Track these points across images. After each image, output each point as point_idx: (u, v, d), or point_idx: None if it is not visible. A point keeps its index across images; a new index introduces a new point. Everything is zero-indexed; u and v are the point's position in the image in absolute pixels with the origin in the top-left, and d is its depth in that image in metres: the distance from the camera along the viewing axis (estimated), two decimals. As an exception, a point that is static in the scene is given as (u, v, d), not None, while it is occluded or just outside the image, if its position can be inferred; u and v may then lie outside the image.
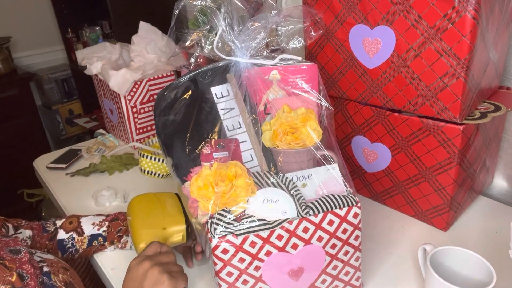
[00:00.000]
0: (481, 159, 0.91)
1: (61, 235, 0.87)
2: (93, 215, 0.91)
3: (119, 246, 0.90)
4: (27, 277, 0.62)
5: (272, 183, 0.66)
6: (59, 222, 0.89)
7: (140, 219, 0.78)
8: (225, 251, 0.62)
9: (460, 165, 0.83)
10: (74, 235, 0.87)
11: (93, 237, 0.88)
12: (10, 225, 0.81)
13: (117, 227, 0.89)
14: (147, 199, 0.83)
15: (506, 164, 1.01)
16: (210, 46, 0.75)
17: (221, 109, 0.75)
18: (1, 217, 0.81)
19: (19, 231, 0.82)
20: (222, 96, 0.76)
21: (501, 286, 0.65)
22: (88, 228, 0.88)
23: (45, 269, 0.66)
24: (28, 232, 0.83)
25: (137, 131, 1.39)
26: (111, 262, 0.89)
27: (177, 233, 0.78)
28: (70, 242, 0.87)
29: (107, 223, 0.89)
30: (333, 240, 0.66)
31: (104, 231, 0.88)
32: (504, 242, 0.71)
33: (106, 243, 0.89)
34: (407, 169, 0.91)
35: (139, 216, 0.79)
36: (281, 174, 0.67)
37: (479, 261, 0.66)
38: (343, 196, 0.66)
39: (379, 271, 0.81)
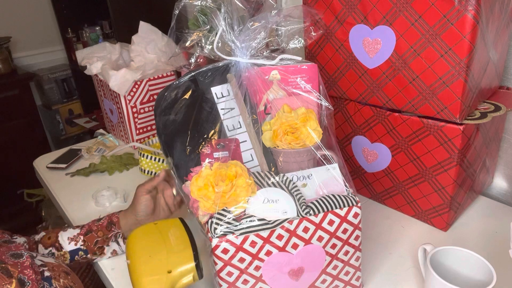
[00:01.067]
0: (481, 159, 0.91)
1: (41, 250, 0.85)
2: (72, 228, 0.88)
3: (110, 255, 0.88)
4: (28, 283, 0.61)
5: (272, 183, 0.66)
6: (38, 237, 0.86)
7: (140, 263, 0.67)
8: (225, 251, 0.62)
9: (460, 165, 0.83)
10: (54, 251, 0.85)
11: (73, 252, 0.85)
12: (6, 234, 0.79)
13: (93, 240, 0.86)
14: (147, 233, 0.72)
15: (506, 164, 1.01)
16: (210, 46, 0.75)
17: (221, 109, 0.75)
18: None
19: (15, 237, 0.80)
20: (223, 96, 0.76)
21: (501, 286, 0.65)
22: (65, 243, 0.85)
23: (46, 274, 0.65)
24: (23, 239, 0.82)
25: (137, 131, 1.39)
26: (111, 262, 0.89)
27: (186, 274, 0.67)
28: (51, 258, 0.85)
29: (82, 237, 0.86)
30: (333, 240, 0.66)
31: (81, 245, 0.85)
32: (504, 242, 0.71)
33: (88, 255, 0.86)
34: (407, 169, 0.91)
35: (139, 259, 0.68)
36: (281, 174, 0.67)
37: (479, 261, 0.66)
38: (343, 196, 0.66)
39: (379, 271, 0.81)
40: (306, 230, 0.64)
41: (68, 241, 0.85)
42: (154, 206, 0.87)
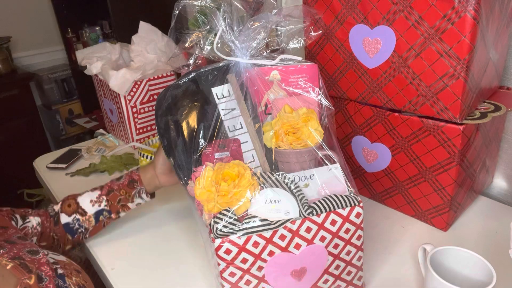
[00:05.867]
0: (481, 159, 0.91)
1: (64, 218, 0.87)
2: (88, 191, 0.91)
3: (135, 207, 0.91)
4: (45, 279, 0.62)
5: (274, 183, 0.66)
6: (56, 207, 0.89)
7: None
8: (228, 251, 0.62)
9: (460, 165, 0.83)
10: (78, 216, 0.88)
11: (98, 213, 0.88)
12: (17, 216, 0.82)
13: (116, 198, 0.89)
14: None
15: (506, 164, 1.01)
16: (210, 47, 0.75)
17: (222, 109, 0.75)
18: (9, 208, 0.82)
19: (27, 220, 0.83)
20: (223, 97, 0.76)
21: (501, 286, 0.65)
22: (88, 206, 0.88)
23: (59, 271, 0.66)
24: (36, 219, 0.84)
25: (137, 131, 1.39)
26: (111, 262, 0.89)
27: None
28: (76, 223, 0.88)
29: (104, 197, 0.89)
30: (336, 240, 0.67)
31: (105, 205, 0.89)
32: (504, 242, 0.71)
33: (112, 215, 0.90)
34: (407, 169, 0.91)
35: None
36: (283, 174, 0.67)
37: (479, 261, 0.66)
38: (345, 196, 0.66)
39: (379, 271, 0.81)
40: (308, 230, 0.64)
41: (91, 204, 0.88)
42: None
